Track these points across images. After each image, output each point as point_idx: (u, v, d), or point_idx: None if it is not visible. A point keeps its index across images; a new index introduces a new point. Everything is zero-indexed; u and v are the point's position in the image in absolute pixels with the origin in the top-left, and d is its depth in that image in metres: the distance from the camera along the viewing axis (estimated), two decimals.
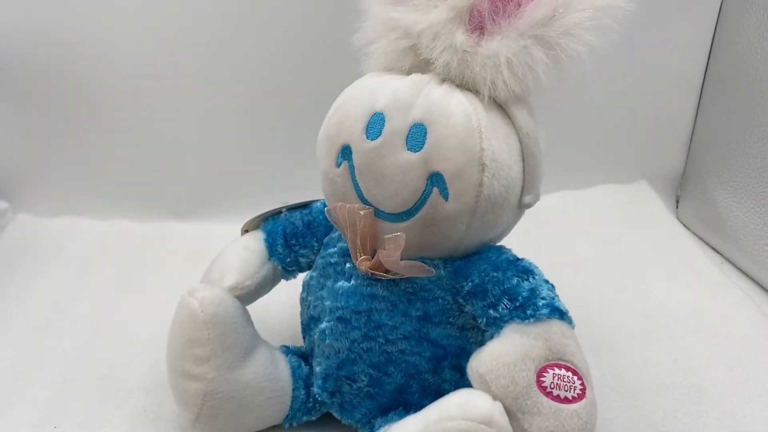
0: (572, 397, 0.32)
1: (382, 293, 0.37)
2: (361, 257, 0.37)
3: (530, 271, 0.36)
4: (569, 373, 0.33)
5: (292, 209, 0.47)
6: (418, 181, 0.34)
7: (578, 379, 0.33)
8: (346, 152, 0.36)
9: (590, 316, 0.54)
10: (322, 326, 0.40)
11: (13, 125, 0.71)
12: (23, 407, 0.46)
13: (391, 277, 0.37)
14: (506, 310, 0.34)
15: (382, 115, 0.35)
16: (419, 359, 0.37)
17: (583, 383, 0.33)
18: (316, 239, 0.45)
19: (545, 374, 0.32)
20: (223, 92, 0.71)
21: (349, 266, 0.39)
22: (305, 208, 0.47)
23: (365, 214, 0.36)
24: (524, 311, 0.34)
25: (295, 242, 0.45)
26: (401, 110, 0.34)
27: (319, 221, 0.45)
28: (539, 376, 0.32)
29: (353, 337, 0.38)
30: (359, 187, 0.36)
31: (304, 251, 0.46)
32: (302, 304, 0.44)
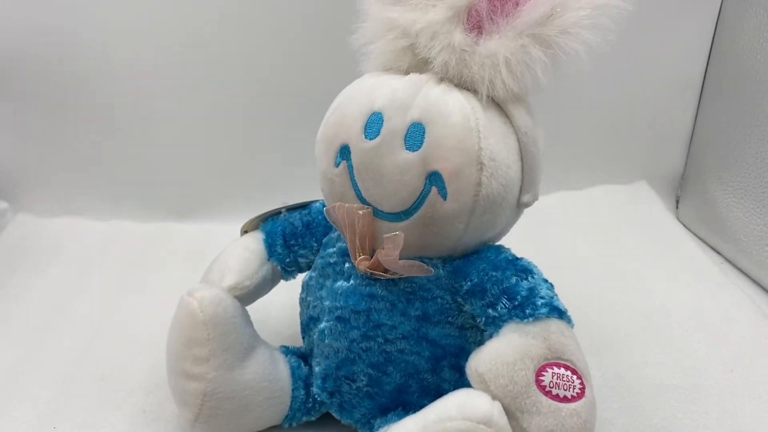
0: (571, 396, 0.32)
1: (381, 293, 0.37)
2: (359, 257, 0.37)
3: (529, 270, 0.36)
4: (568, 372, 0.32)
5: (291, 210, 0.47)
6: (416, 180, 0.34)
7: (577, 378, 0.32)
8: (344, 152, 0.36)
9: (590, 316, 0.54)
10: (321, 326, 0.40)
11: (13, 125, 0.71)
12: (23, 407, 0.46)
13: (390, 276, 0.37)
14: (505, 309, 0.34)
15: (380, 114, 0.35)
16: (418, 359, 0.37)
17: (582, 382, 0.32)
18: (315, 239, 0.45)
19: (544, 373, 0.32)
20: (223, 92, 0.71)
21: (348, 266, 0.39)
22: (304, 208, 0.47)
23: (364, 213, 0.36)
24: (523, 310, 0.34)
25: (294, 243, 0.45)
26: (399, 110, 0.34)
27: (318, 221, 0.45)
28: (538, 375, 0.32)
29: (352, 336, 0.38)
30: (358, 186, 0.36)
31: (303, 252, 0.46)
32: (301, 304, 0.44)
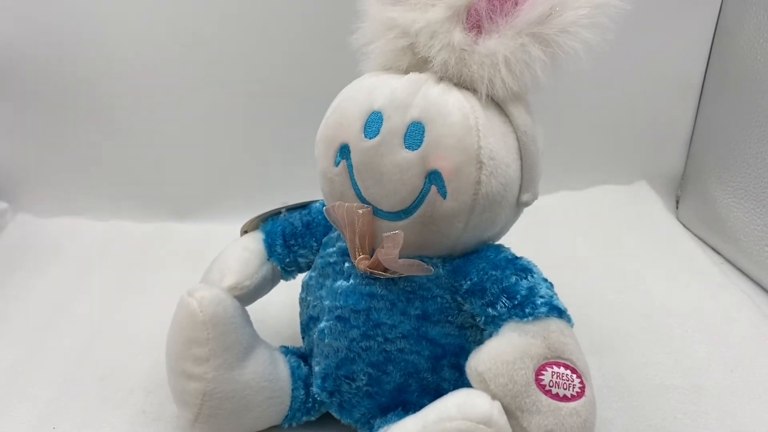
0: (571, 395, 0.32)
1: (380, 292, 0.37)
2: (359, 256, 0.37)
3: (529, 269, 0.36)
4: (568, 371, 0.32)
5: (291, 210, 0.47)
6: (416, 179, 0.34)
7: (577, 377, 0.32)
8: (344, 151, 0.36)
9: (590, 316, 0.54)
10: (321, 326, 0.40)
11: (13, 125, 0.71)
12: (23, 407, 0.46)
13: (389, 275, 0.36)
14: (505, 308, 0.34)
15: (380, 113, 0.35)
16: (418, 358, 0.37)
17: (582, 381, 0.32)
18: (315, 239, 0.45)
19: (544, 372, 0.32)
20: (223, 92, 0.71)
21: (347, 265, 0.39)
22: (304, 208, 0.47)
23: (364, 212, 0.36)
24: (523, 309, 0.34)
25: (294, 243, 0.45)
26: (399, 109, 0.34)
27: (318, 221, 0.45)
28: (538, 374, 0.32)
29: (352, 336, 0.38)
30: (357, 186, 0.36)
31: (303, 251, 0.46)
32: (301, 304, 0.44)
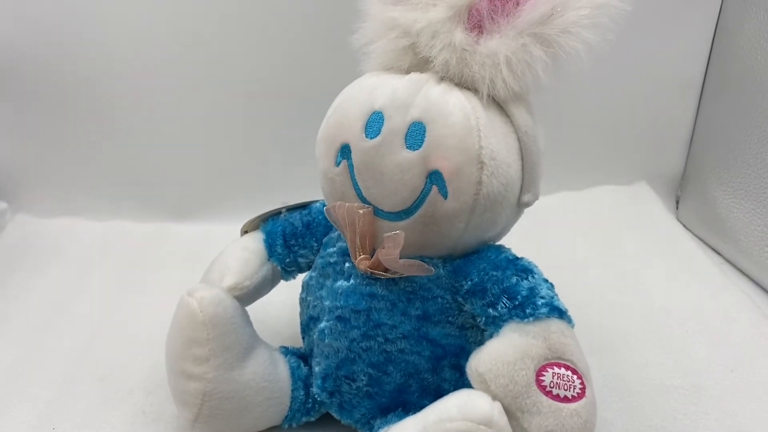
0: (572, 396, 0.32)
1: (381, 292, 0.37)
2: (360, 256, 0.37)
3: (529, 270, 0.36)
4: (569, 372, 0.32)
5: (291, 210, 0.47)
6: (417, 179, 0.34)
7: (578, 378, 0.32)
8: (345, 151, 0.36)
9: (590, 316, 0.54)
10: (321, 326, 0.40)
11: (12, 125, 0.71)
12: (23, 407, 0.46)
13: (390, 276, 0.36)
14: (505, 309, 0.34)
15: (381, 113, 0.35)
16: (418, 358, 0.37)
17: (582, 382, 0.32)
18: (315, 239, 0.45)
19: (545, 373, 0.32)
20: (223, 92, 0.71)
21: (348, 265, 0.39)
22: (304, 208, 0.47)
23: (364, 213, 0.36)
24: (523, 310, 0.34)
25: (294, 243, 0.45)
26: (400, 109, 0.34)
27: (318, 221, 0.45)
28: (539, 375, 0.32)
29: (352, 336, 0.38)
30: (358, 186, 0.36)
31: (303, 252, 0.45)
32: (301, 304, 0.44)
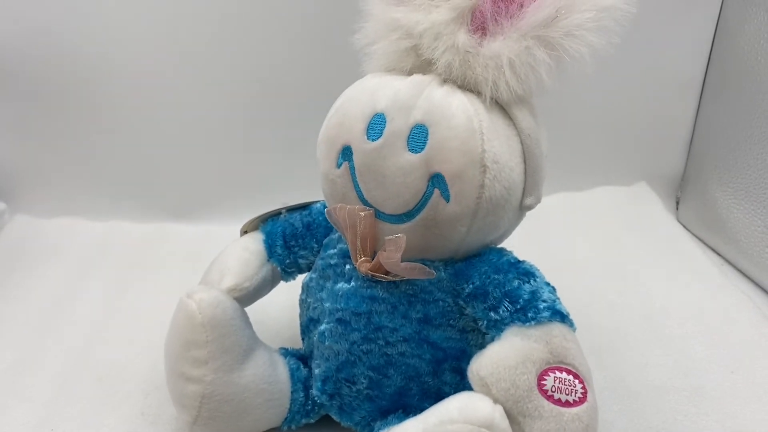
0: (573, 400, 0.32)
1: (382, 295, 0.37)
2: (361, 259, 0.37)
3: (531, 273, 0.36)
4: (570, 376, 0.32)
5: (291, 210, 0.47)
6: (419, 182, 0.34)
7: (579, 382, 0.32)
8: (346, 153, 0.36)
9: (590, 317, 0.54)
10: (321, 328, 0.39)
11: (12, 125, 0.71)
12: (22, 408, 0.46)
13: (391, 278, 0.36)
14: (507, 312, 0.34)
15: (383, 115, 0.35)
16: (419, 361, 0.37)
17: (584, 387, 0.32)
18: (315, 240, 0.45)
19: (546, 377, 0.32)
20: (223, 92, 0.71)
21: (348, 268, 0.39)
22: (305, 209, 0.46)
23: (365, 215, 0.36)
24: (525, 314, 0.34)
25: (294, 243, 0.45)
26: (402, 111, 0.34)
27: (318, 222, 0.45)
28: (540, 379, 0.32)
29: (353, 339, 0.38)
30: (360, 188, 0.36)
31: (303, 252, 0.45)
32: (301, 305, 0.44)
